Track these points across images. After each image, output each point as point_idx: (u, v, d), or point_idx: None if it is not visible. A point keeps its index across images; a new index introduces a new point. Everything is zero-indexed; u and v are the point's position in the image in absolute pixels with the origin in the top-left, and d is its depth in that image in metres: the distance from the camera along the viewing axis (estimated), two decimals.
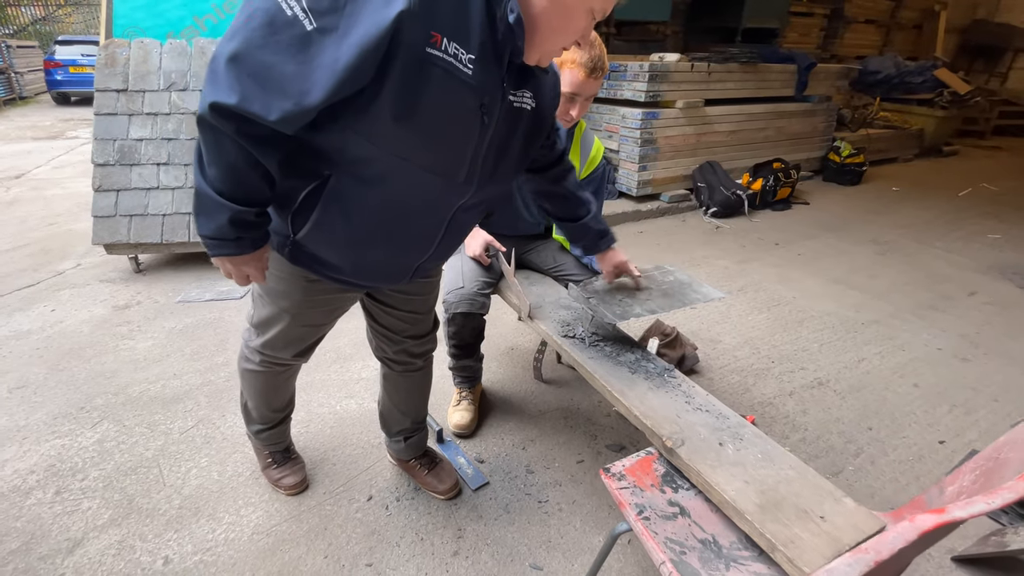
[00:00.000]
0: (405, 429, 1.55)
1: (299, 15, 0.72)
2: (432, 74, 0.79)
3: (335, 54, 0.73)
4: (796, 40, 7.32)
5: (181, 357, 2.22)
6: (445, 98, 0.82)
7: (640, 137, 4.10)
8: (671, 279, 1.59)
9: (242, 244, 0.91)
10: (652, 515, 1.01)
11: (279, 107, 0.75)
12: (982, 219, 4.39)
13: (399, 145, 0.85)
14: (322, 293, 1.15)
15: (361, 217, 0.95)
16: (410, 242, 1.04)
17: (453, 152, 0.90)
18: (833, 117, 5.46)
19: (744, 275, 3.22)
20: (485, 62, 0.84)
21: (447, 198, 0.98)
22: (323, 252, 1.02)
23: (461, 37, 0.79)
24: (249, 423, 1.52)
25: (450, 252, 1.16)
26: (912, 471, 1.74)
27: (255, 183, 0.85)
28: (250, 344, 1.32)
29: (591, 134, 1.74)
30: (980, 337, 2.57)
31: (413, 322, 1.36)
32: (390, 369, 1.45)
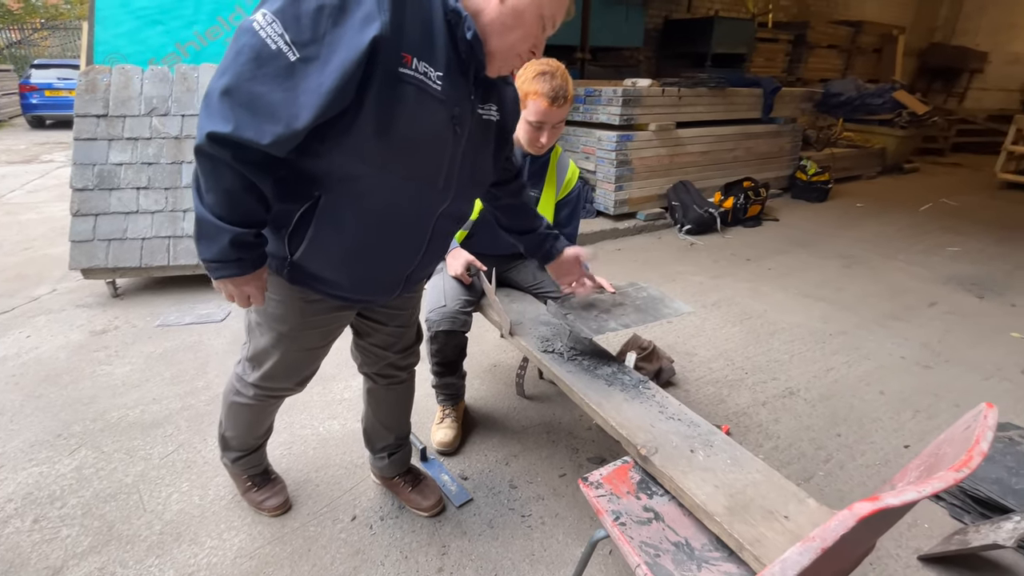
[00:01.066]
0: (389, 445, 1.57)
1: (283, 48, 0.79)
2: (406, 91, 0.87)
3: (319, 79, 0.80)
4: (763, 65, 7.66)
5: (160, 382, 2.20)
6: (420, 112, 0.90)
7: (616, 158, 4.24)
8: (644, 295, 1.66)
9: (243, 264, 0.95)
10: (628, 521, 1.05)
11: (271, 131, 0.81)
12: (942, 233, 4.60)
13: (382, 158, 0.92)
14: (320, 313, 1.18)
15: (354, 231, 1.00)
16: (400, 249, 1.09)
17: (431, 162, 0.98)
18: (799, 137, 5.70)
19: (718, 290, 3.32)
20: (452, 78, 0.93)
21: (429, 205, 1.05)
22: (321, 269, 1.06)
23: (428, 56, 0.89)
24: (226, 451, 1.52)
25: (436, 259, 1.23)
26: (879, 475, 1.82)
27: (252, 205, 0.90)
28: (245, 379, 1.33)
29: (566, 157, 1.82)
30: (941, 345, 2.69)
31: (399, 336, 1.40)
32: (374, 383, 1.48)
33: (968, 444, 0.69)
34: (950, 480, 0.64)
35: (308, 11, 0.79)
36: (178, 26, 3.25)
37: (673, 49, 7.24)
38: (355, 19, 0.80)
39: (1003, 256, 4.03)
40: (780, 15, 8.40)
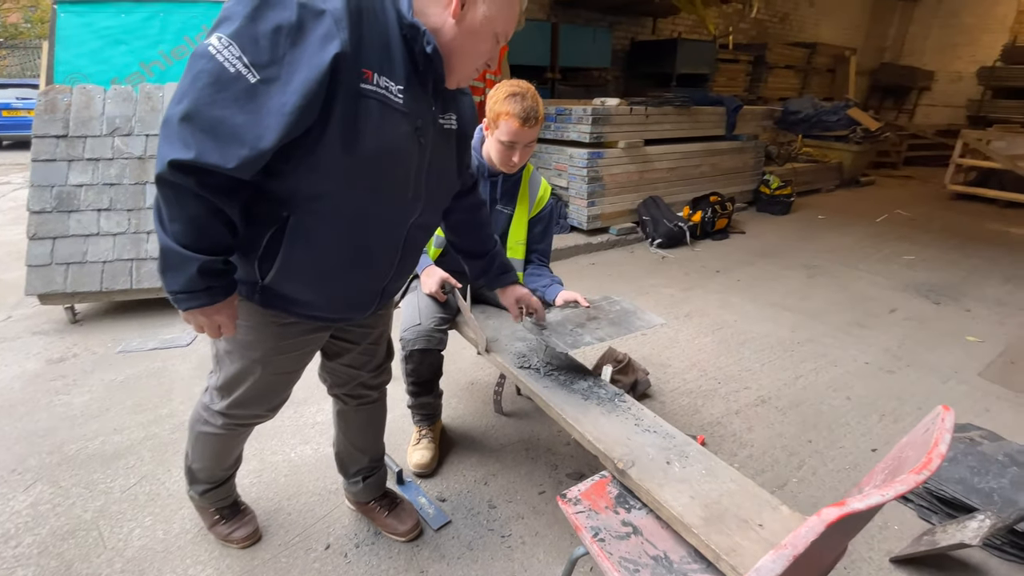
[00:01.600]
0: (363, 468, 1.54)
1: (242, 70, 0.79)
2: (369, 106, 0.88)
3: (281, 100, 0.80)
4: (725, 84, 7.96)
5: (122, 411, 2.11)
6: (384, 126, 0.91)
7: (587, 175, 4.32)
8: (618, 308, 1.68)
9: (213, 293, 0.93)
10: (607, 536, 1.05)
11: (236, 155, 0.80)
12: (898, 242, 4.81)
13: (350, 174, 0.92)
14: (294, 336, 1.16)
15: (326, 249, 0.99)
16: (374, 264, 1.08)
17: (399, 174, 0.99)
18: (761, 153, 5.92)
19: (689, 302, 3.39)
20: (413, 91, 0.95)
21: (400, 217, 1.05)
22: (295, 291, 1.04)
23: (388, 71, 0.90)
24: (193, 483, 1.46)
25: (410, 271, 1.22)
26: (849, 479, 1.86)
27: (219, 232, 0.89)
28: (213, 407, 1.28)
29: (538, 176, 1.85)
30: (902, 350, 2.80)
31: (371, 355, 1.38)
32: (345, 404, 1.45)
33: (928, 447, 0.72)
34: (912, 483, 0.66)
35: (265, 32, 0.79)
36: (143, 46, 3.19)
37: (640, 69, 7.47)
38: (314, 38, 0.80)
39: (956, 263, 4.24)
40: (740, 37, 8.77)
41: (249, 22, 0.78)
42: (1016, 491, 1.60)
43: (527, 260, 1.90)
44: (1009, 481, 1.64)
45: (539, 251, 1.90)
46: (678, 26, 7.88)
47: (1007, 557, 1.51)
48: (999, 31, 10.40)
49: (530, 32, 5.75)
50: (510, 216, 1.81)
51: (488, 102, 1.60)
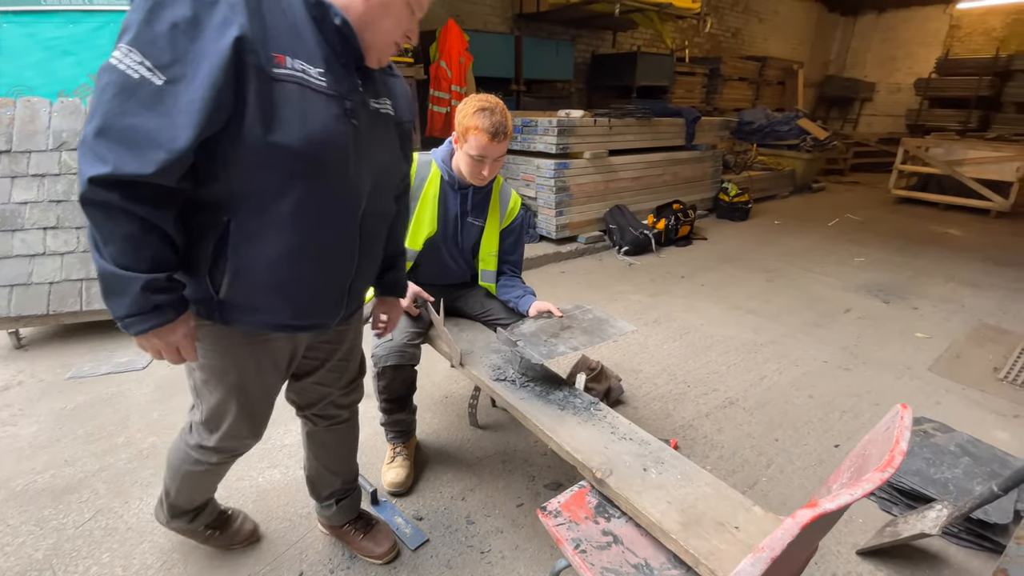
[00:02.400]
0: (336, 491, 1.49)
1: (146, 75, 0.78)
2: (288, 90, 0.87)
3: (190, 96, 0.79)
4: (683, 95, 8.23)
5: (74, 441, 1.99)
6: (308, 109, 0.89)
7: (555, 185, 4.37)
8: (590, 317, 1.70)
9: (163, 312, 0.89)
10: (588, 547, 1.05)
11: (153, 160, 0.79)
12: (849, 245, 5.05)
13: (282, 163, 0.90)
14: (266, 352, 1.11)
15: (275, 249, 0.95)
16: (330, 257, 1.04)
17: (335, 158, 0.96)
18: (719, 162, 6.13)
19: (657, 307, 3.46)
20: (334, 72, 0.93)
21: (347, 204, 1.02)
22: (254, 300, 0.99)
23: (303, 54, 0.89)
24: (176, 517, 1.40)
25: (373, 266, 1.19)
26: (816, 475, 1.93)
27: (157, 247, 0.86)
28: (205, 445, 1.22)
29: (508, 188, 1.86)
30: (857, 348, 2.93)
31: (341, 371, 1.33)
32: (314, 425, 1.40)
33: (890, 444, 0.76)
34: (877, 481, 0.69)
35: (162, 32, 0.78)
36: (91, 57, 3.05)
37: (601, 81, 7.64)
38: (211, 27, 0.80)
39: (903, 264, 4.48)
40: (695, 51, 9.09)
41: (145, 26, 0.78)
42: (969, 480, 1.69)
43: (499, 271, 1.90)
44: (962, 471, 1.73)
45: (511, 262, 1.91)
46: (637, 40, 8.12)
47: (964, 544, 1.59)
48: (933, 45, 11.15)
49: (495, 45, 5.81)
50: (481, 228, 1.81)
51: (457, 116, 1.60)
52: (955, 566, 1.55)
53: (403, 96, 1.17)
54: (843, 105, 12.44)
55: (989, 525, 1.55)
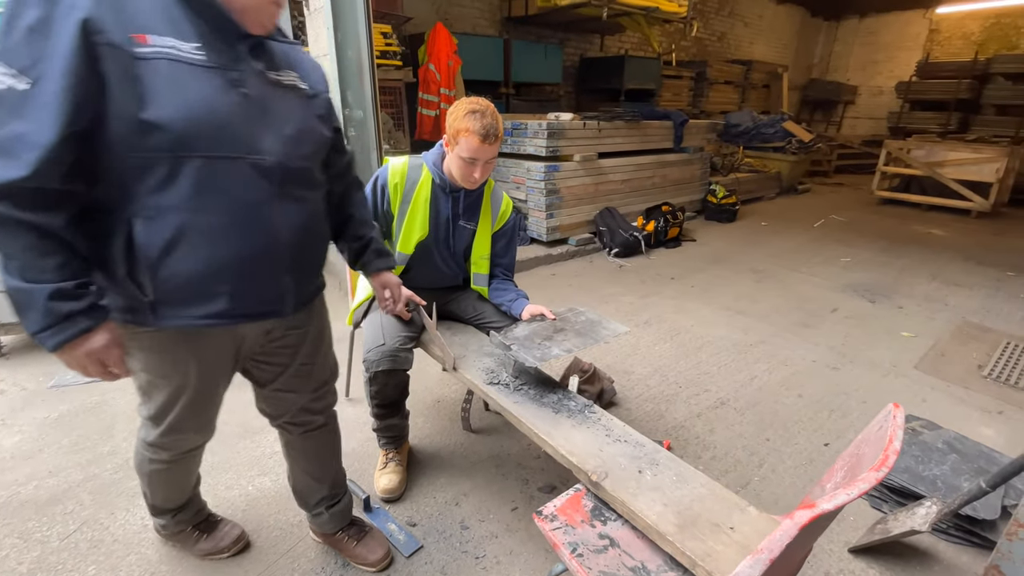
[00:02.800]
0: (324, 498, 1.47)
1: (11, 83, 0.79)
2: (156, 67, 0.85)
3: (50, 90, 0.79)
4: (670, 99, 8.30)
5: (57, 451, 1.95)
6: (184, 83, 0.87)
7: (545, 188, 4.38)
8: (583, 319, 1.70)
9: (76, 321, 0.87)
10: (585, 551, 1.05)
11: (27, 161, 0.79)
12: (835, 245, 5.12)
13: (169, 144, 0.87)
14: (210, 347, 1.09)
15: (187, 234, 0.92)
16: (249, 235, 0.99)
17: (227, 130, 0.92)
18: (707, 164, 6.18)
19: (647, 309, 3.48)
20: (213, 45, 0.91)
21: (253, 175, 0.97)
22: (183, 293, 0.96)
23: (170, 32, 0.87)
24: (160, 515, 1.41)
25: (315, 247, 1.15)
26: (806, 474, 1.95)
27: (57, 254, 0.85)
28: (151, 441, 1.21)
29: (500, 190, 1.86)
30: (845, 347, 2.97)
31: (306, 375, 1.30)
32: (289, 433, 1.38)
33: (883, 444, 0.76)
34: (873, 480, 0.69)
35: (20, 38, 0.79)
36: None
37: (590, 84, 7.68)
38: (59, 18, 0.80)
39: (887, 264, 4.55)
40: (682, 55, 9.17)
41: (5, 36, 0.79)
42: (956, 476, 1.72)
43: (492, 275, 1.90)
44: (950, 467, 1.76)
45: (503, 265, 1.90)
46: (624, 44, 8.17)
47: (953, 540, 1.61)
48: (914, 48, 11.37)
49: (483, 48, 5.82)
50: (473, 231, 1.81)
51: (448, 119, 1.60)
52: (944, 562, 1.57)
53: (312, 68, 1.14)
54: (826, 108, 12.63)
55: (977, 521, 1.57)
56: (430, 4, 5.97)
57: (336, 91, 2.77)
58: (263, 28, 0.98)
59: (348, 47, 2.72)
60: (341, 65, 2.72)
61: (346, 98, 2.79)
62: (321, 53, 2.87)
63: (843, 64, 12.68)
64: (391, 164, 1.72)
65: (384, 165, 1.74)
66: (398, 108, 4.59)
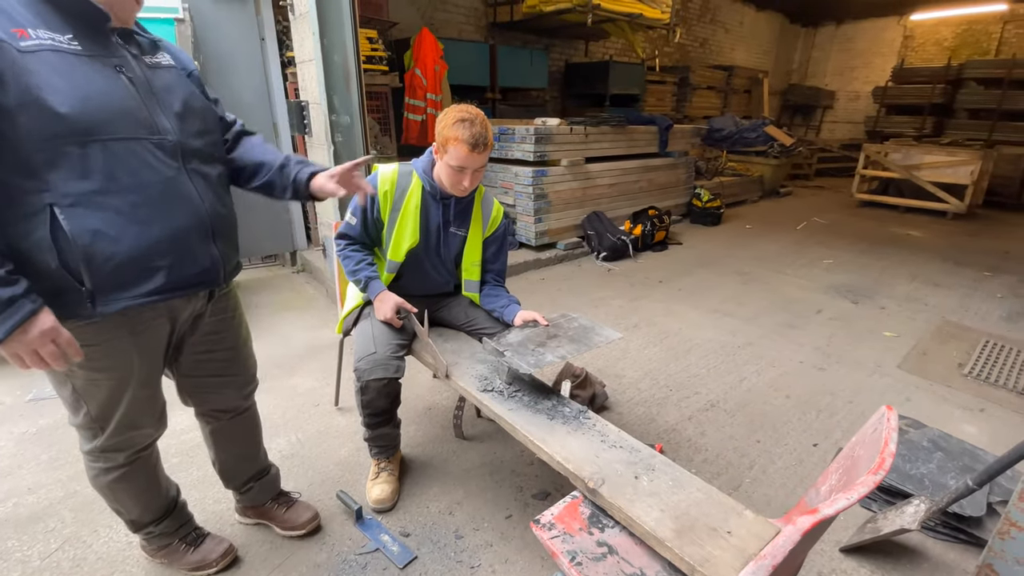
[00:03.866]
0: (256, 473, 1.53)
1: None
2: (44, 58, 0.89)
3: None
4: (654, 104, 8.39)
5: (37, 467, 1.89)
6: (71, 71, 0.92)
7: (533, 192, 4.39)
8: (576, 325, 1.70)
9: (20, 304, 0.87)
10: (583, 559, 1.05)
11: None
12: (817, 247, 5.21)
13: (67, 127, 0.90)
14: (149, 332, 1.11)
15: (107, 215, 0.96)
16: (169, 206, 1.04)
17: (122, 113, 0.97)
18: (692, 169, 6.26)
19: (636, 312, 3.50)
20: (89, 37, 0.97)
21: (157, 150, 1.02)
22: (118, 275, 1.00)
23: (44, 25, 0.92)
24: (141, 529, 1.37)
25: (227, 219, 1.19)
26: (796, 475, 1.97)
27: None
28: (100, 447, 1.19)
29: (490, 197, 1.86)
30: (830, 348, 3.01)
31: (234, 360, 1.36)
32: (217, 420, 1.42)
33: (879, 446, 0.77)
34: (871, 484, 0.70)
35: None
36: None
37: (575, 89, 7.74)
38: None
39: (869, 265, 4.64)
40: (665, 60, 9.29)
41: None
42: (943, 475, 1.75)
43: (483, 281, 1.89)
44: (936, 466, 1.79)
45: (494, 271, 1.90)
46: (609, 49, 8.25)
47: (941, 537, 1.64)
48: (889, 54, 11.66)
49: (469, 53, 5.82)
50: (464, 238, 1.80)
51: (437, 127, 1.59)
52: (933, 560, 1.59)
53: (178, 51, 1.20)
54: (806, 112, 12.88)
55: (964, 518, 1.60)
56: (415, 9, 5.97)
57: (323, 96, 2.74)
58: (123, 22, 1.03)
59: (334, 52, 2.71)
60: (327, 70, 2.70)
61: (333, 103, 2.77)
62: (307, 58, 2.85)
63: (821, 70, 12.96)
64: (380, 171, 1.71)
65: (373, 172, 1.72)
66: (384, 113, 4.57)
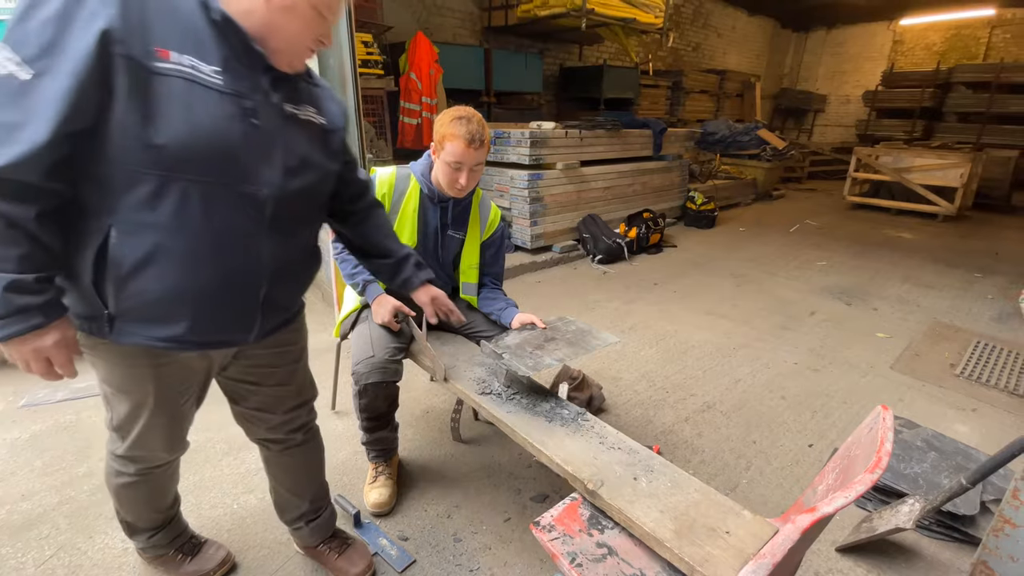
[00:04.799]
0: (304, 513, 1.45)
1: (13, 69, 0.77)
2: (170, 86, 0.83)
3: (53, 88, 0.77)
4: (648, 107, 8.44)
5: (30, 473, 1.87)
6: (196, 105, 0.86)
7: (528, 196, 4.40)
8: (573, 328, 1.71)
9: (29, 315, 0.84)
10: (584, 560, 1.05)
11: (10, 153, 0.76)
12: (811, 249, 5.26)
13: (166, 161, 0.85)
14: (171, 372, 1.06)
15: (162, 255, 0.90)
16: (231, 266, 0.97)
17: (228, 157, 0.91)
18: (686, 172, 6.30)
19: (632, 314, 3.51)
20: (234, 71, 0.90)
21: (246, 207, 0.95)
22: (145, 313, 0.93)
23: (194, 51, 0.86)
24: (136, 535, 1.35)
25: (293, 280, 1.12)
26: (792, 475, 1.98)
27: (22, 247, 0.82)
28: (117, 453, 1.18)
29: (488, 200, 1.86)
30: (824, 349, 3.04)
31: (282, 396, 1.28)
32: (268, 450, 1.36)
33: (875, 446, 0.78)
34: (868, 482, 0.71)
35: (34, 28, 0.77)
36: None
37: (570, 93, 7.78)
38: (79, 20, 0.78)
39: (861, 267, 4.68)
40: (658, 64, 9.36)
41: (20, 22, 0.77)
42: (937, 474, 1.77)
43: (480, 283, 1.89)
44: (930, 465, 1.81)
45: (492, 274, 1.90)
46: (603, 53, 8.30)
47: (936, 536, 1.66)
48: (879, 59, 11.80)
49: (464, 57, 5.84)
50: (462, 241, 1.80)
51: (435, 126, 1.61)
52: (928, 558, 1.61)
53: (333, 104, 1.13)
54: (798, 116, 13.00)
55: (958, 517, 1.62)
56: (410, 14, 5.98)
57: None
58: (291, 68, 0.98)
59: (330, 55, 2.71)
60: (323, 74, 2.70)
61: None
62: None
63: (812, 74, 13.09)
64: (378, 174, 1.71)
65: (371, 175, 1.73)
66: (380, 117, 4.58)
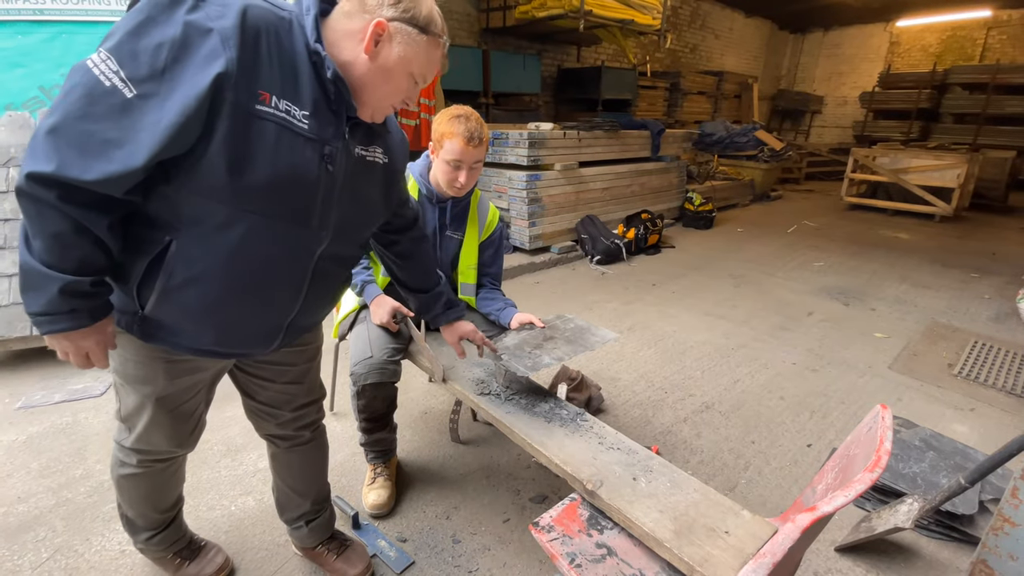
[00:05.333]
0: (305, 513, 1.45)
1: (118, 84, 0.76)
2: (265, 129, 0.85)
3: (158, 116, 0.77)
4: (646, 108, 8.46)
5: (27, 475, 1.86)
6: (282, 149, 0.88)
7: (527, 196, 4.41)
8: (572, 326, 1.71)
9: (78, 316, 0.86)
10: (583, 561, 1.05)
11: (101, 169, 0.77)
12: (808, 250, 5.27)
13: (239, 197, 0.87)
14: (185, 372, 1.09)
15: (210, 278, 0.93)
16: (272, 296, 1.01)
17: (299, 200, 0.94)
18: (684, 173, 6.31)
19: (631, 315, 3.51)
20: (321, 117, 0.92)
21: (303, 246, 1.00)
22: (179, 322, 0.97)
23: (291, 95, 0.88)
24: (135, 533, 1.35)
25: (321, 307, 1.16)
26: (791, 475, 1.98)
27: (86, 251, 0.83)
28: (124, 444, 1.19)
29: (486, 201, 1.86)
30: (822, 349, 3.04)
31: (292, 394, 1.30)
32: (276, 447, 1.38)
33: (874, 445, 0.78)
34: (868, 481, 0.71)
35: (148, 48, 0.77)
36: (43, 68, 2.91)
37: (568, 94, 7.79)
38: (198, 56, 0.78)
39: (858, 267, 4.69)
40: (656, 65, 9.38)
41: (131, 37, 0.77)
42: (935, 473, 1.77)
43: (479, 284, 1.89)
44: (928, 465, 1.81)
45: (491, 275, 1.90)
46: (601, 54, 8.32)
47: (935, 536, 1.66)
48: (875, 60, 11.86)
49: (463, 58, 5.85)
50: (460, 241, 1.80)
51: (433, 126, 1.61)
52: (927, 558, 1.61)
53: (399, 144, 1.17)
54: (795, 117, 13.05)
55: (957, 516, 1.62)
56: None
57: None
58: (371, 119, 1.01)
59: None
60: None
61: None
62: None
63: (809, 75, 13.14)
64: None
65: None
66: None
